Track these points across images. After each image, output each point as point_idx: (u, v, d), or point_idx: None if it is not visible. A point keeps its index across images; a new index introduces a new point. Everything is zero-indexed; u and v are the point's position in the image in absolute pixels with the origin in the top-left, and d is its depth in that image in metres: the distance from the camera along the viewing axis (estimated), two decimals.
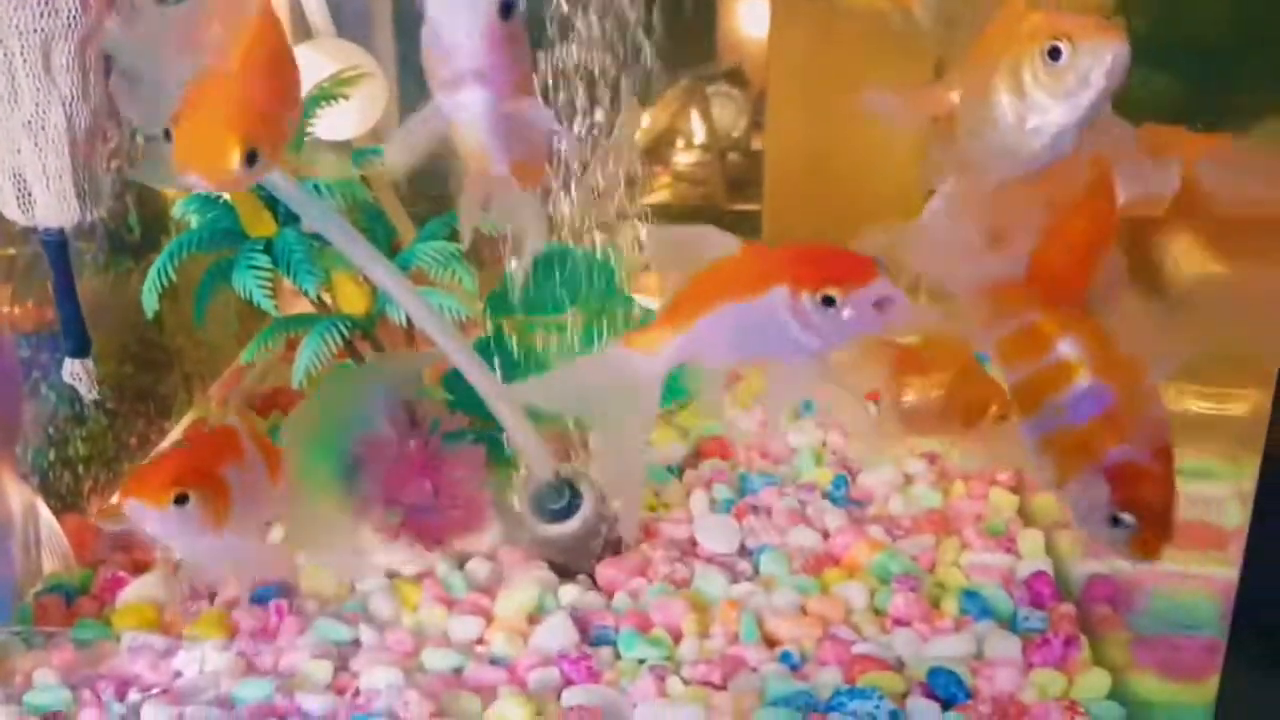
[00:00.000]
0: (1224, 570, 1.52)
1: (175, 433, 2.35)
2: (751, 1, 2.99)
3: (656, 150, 3.19)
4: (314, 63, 2.06)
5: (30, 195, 1.35)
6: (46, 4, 1.27)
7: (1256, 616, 1.45)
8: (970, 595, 1.80)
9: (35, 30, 1.27)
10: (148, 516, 1.44)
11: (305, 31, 2.14)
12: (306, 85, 1.95)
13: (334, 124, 1.93)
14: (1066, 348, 1.35)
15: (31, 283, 1.73)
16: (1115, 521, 1.33)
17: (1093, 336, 1.35)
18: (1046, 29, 1.32)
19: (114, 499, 2.09)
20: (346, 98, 1.82)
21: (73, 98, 1.32)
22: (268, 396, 2.44)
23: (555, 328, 2.14)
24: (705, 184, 3.25)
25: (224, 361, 2.56)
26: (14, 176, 1.34)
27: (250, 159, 1.22)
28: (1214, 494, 1.62)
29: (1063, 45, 1.29)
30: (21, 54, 1.28)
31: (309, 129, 1.78)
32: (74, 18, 1.29)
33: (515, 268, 1.95)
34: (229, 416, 1.77)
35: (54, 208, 1.36)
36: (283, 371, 2.14)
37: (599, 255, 2.10)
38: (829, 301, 1.22)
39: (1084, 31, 1.29)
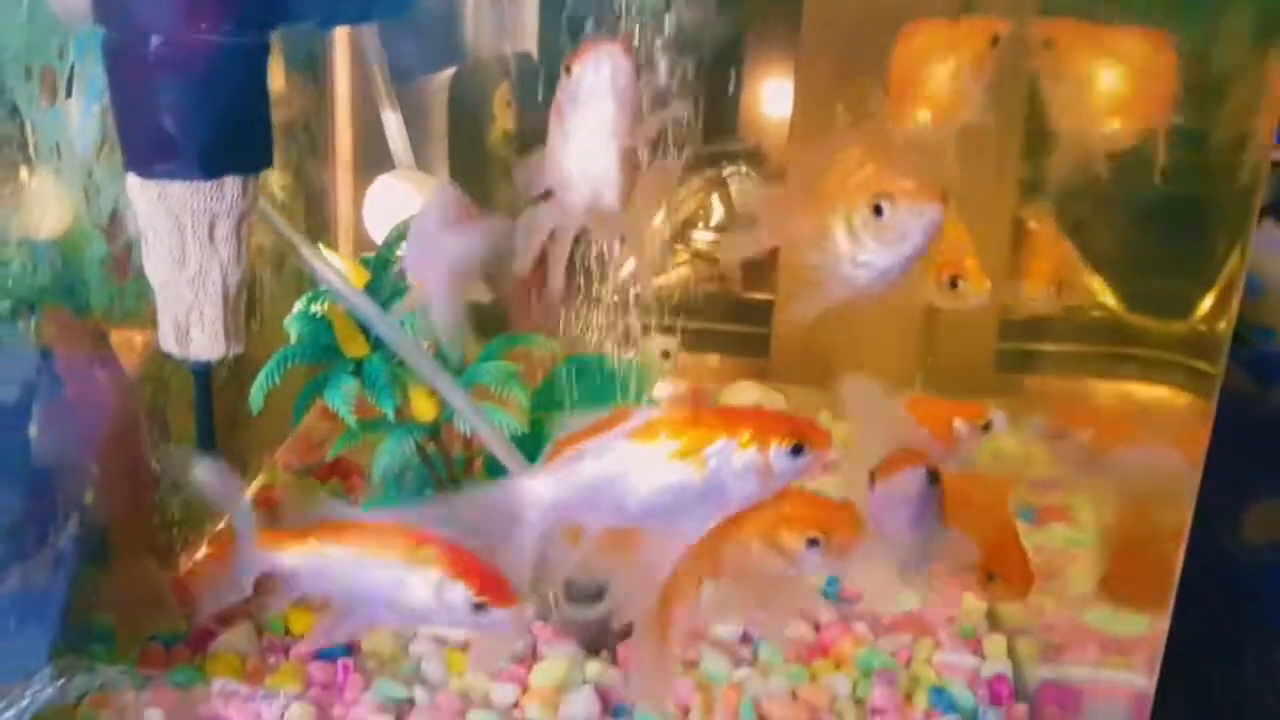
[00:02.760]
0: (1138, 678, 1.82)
1: (248, 494, 2.64)
2: (772, 82, 3.11)
3: (677, 233, 3.41)
4: (397, 191, 2.39)
5: (188, 335, 1.66)
6: (216, 190, 1.58)
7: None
8: (939, 692, 2.09)
9: (205, 210, 1.58)
10: None
11: (389, 162, 2.45)
12: (392, 211, 2.28)
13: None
14: None
15: None
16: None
17: None
18: (874, 185, 1.48)
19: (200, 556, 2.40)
20: None
21: (228, 261, 1.63)
22: (328, 465, 2.75)
23: None
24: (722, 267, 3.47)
25: (285, 431, 2.85)
26: (174, 320, 1.66)
27: None
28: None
29: (884, 204, 1.45)
30: (192, 227, 1.59)
31: (397, 259, 2.08)
32: (235, 201, 1.60)
33: None
34: None
35: (207, 345, 1.66)
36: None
37: (632, 362, 2.40)
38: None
39: (904, 192, 1.46)
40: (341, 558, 1.48)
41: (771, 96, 3.14)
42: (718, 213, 3.34)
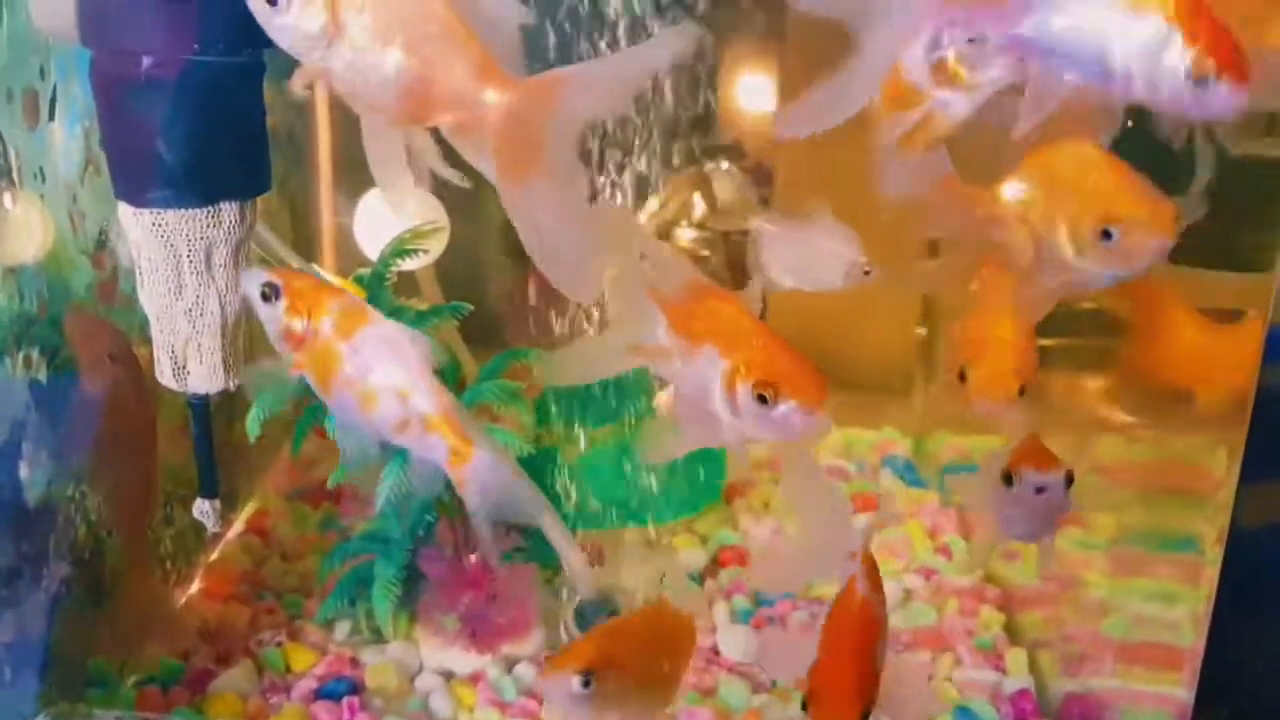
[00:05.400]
0: (1179, 691, 1.77)
1: (239, 524, 2.57)
2: (756, 76, 3.03)
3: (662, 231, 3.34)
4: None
5: (185, 368, 1.59)
6: (212, 216, 1.51)
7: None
8: (962, 710, 2.04)
9: (201, 237, 1.51)
10: None
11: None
12: (385, 226, 2.21)
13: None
14: None
15: None
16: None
17: None
18: (1102, 205, 1.43)
19: (193, 590, 2.32)
20: (427, 252, 2.05)
21: (226, 290, 1.56)
22: (318, 489, 2.67)
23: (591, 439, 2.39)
24: (708, 262, 3.42)
25: (276, 454, 2.78)
26: (171, 352, 1.58)
27: None
28: (1173, 617, 1.87)
29: (1114, 229, 1.42)
30: (188, 256, 1.52)
31: (392, 274, 2.01)
32: (233, 227, 1.53)
33: None
34: None
35: (205, 378, 1.59)
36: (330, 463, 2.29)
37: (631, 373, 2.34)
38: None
39: (1135, 219, 1.42)
40: None
41: (753, 89, 3.07)
42: (699, 209, 3.29)
